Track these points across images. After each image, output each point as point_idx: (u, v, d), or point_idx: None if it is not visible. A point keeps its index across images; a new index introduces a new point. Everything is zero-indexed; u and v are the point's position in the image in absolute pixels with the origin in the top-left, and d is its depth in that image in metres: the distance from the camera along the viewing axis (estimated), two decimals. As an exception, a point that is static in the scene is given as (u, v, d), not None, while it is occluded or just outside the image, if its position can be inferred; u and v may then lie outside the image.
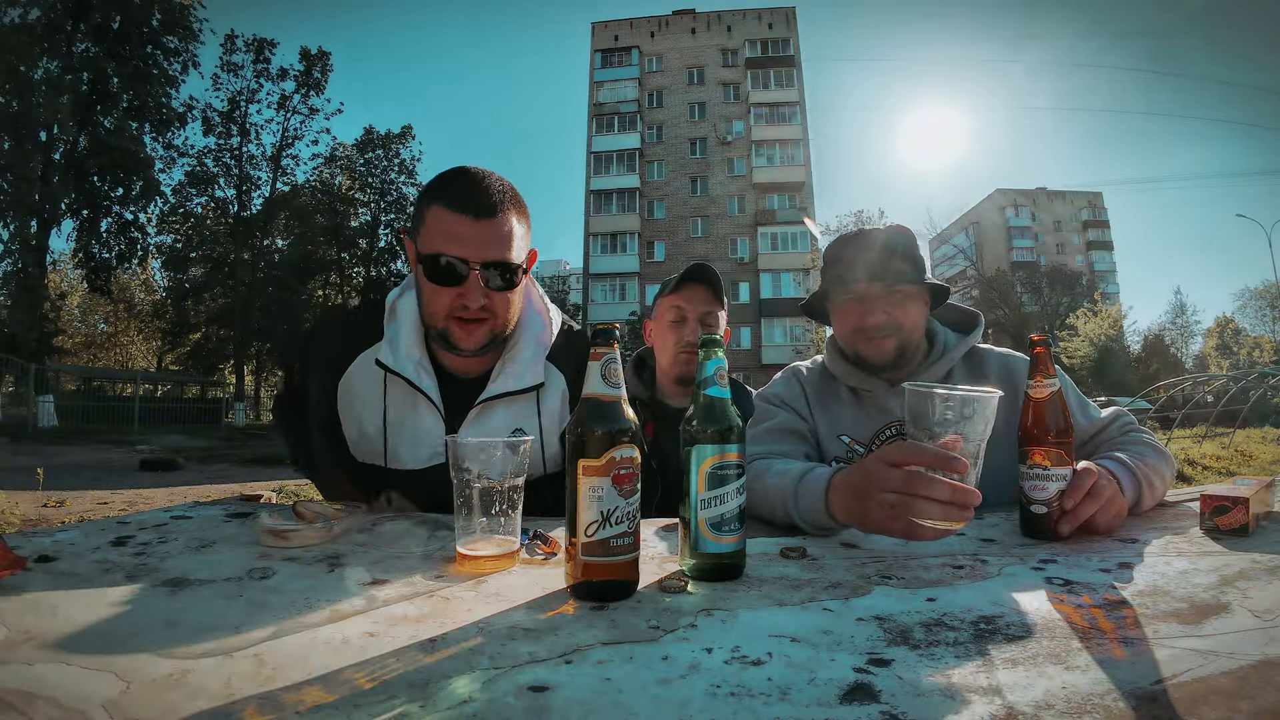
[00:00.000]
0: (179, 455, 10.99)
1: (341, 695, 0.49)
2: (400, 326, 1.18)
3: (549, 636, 0.60)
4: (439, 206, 1.07)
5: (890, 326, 1.25)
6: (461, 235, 1.06)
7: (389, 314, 1.20)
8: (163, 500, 6.47)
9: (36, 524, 4.91)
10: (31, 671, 0.52)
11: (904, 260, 1.27)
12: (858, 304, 1.28)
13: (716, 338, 0.82)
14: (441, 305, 1.10)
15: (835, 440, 1.31)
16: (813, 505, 0.96)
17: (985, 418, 0.84)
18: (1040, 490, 0.92)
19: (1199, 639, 0.56)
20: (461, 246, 1.06)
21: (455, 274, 1.07)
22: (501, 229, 1.08)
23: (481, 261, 1.07)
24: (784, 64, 35.10)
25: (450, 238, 1.06)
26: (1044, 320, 32.22)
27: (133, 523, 1.04)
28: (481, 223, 1.06)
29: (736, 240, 34.01)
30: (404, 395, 1.18)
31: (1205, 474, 8.01)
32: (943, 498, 0.78)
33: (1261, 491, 0.95)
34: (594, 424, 0.71)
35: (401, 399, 1.18)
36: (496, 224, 1.07)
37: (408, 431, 1.18)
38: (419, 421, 1.18)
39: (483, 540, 0.84)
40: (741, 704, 0.47)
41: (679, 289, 1.65)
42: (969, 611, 0.64)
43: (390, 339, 1.18)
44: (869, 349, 1.27)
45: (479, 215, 1.06)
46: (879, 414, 1.30)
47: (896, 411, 1.28)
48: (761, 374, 27.13)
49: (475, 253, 1.07)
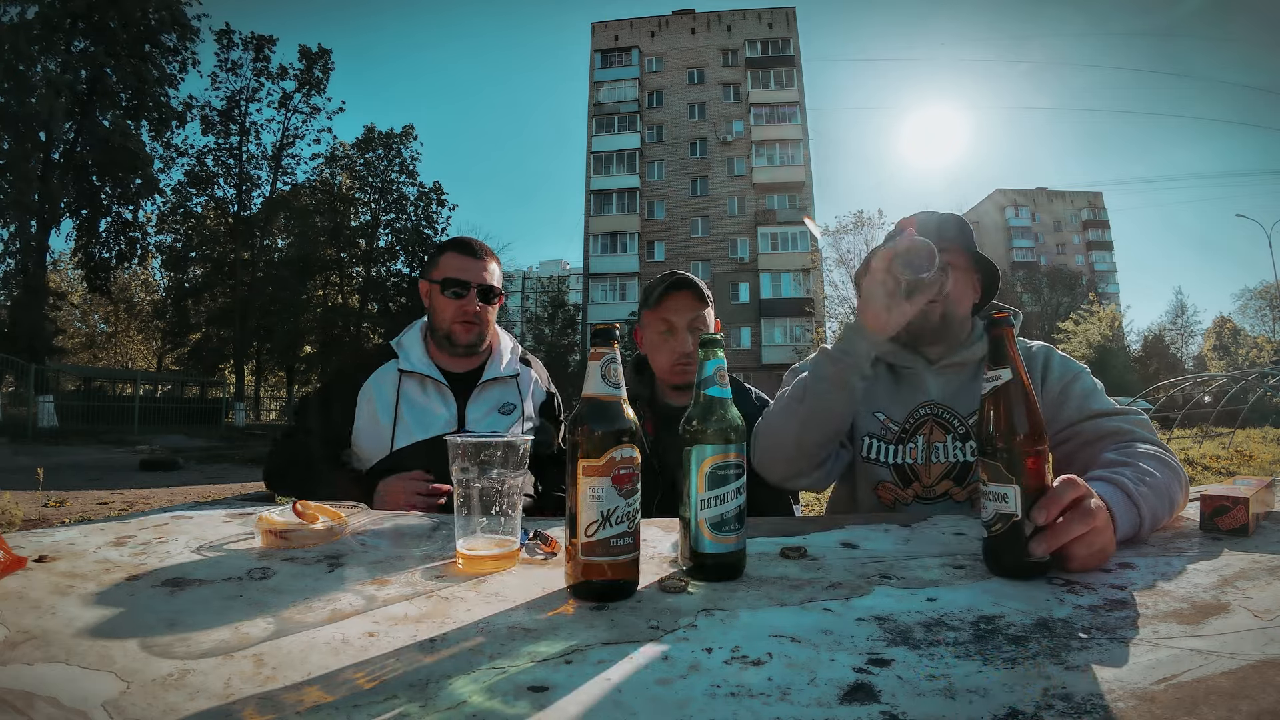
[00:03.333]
0: (179, 455, 10.99)
1: (341, 695, 0.49)
2: (410, 348, 1.64)
3: (549, 636, 0.60)
4: (451, 253, 1.64)
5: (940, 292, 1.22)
6: (466, 267, 1.62)
7: (396, 345, 1.65)
8: (163, 500, 6.47)
9: (36, 524, 4.91)
10: (31, 671, 0.52)
11: (963, 231, 1.32)
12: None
13: (717, 338, 0.82)
14: (449, 312, 1.60)
15: (870, 416, 1.32)
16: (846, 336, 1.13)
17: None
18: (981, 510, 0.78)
19: (1199, 639, 0.56)
20: (465, 274, 1.61)
21: (461, 288, 1.59)
22: (488, 266, 1.65)
23: (477, 284, 1.61)
24: (784, 64, 35.09)
25: (459, 269, 1.61)
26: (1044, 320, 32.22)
27: (133, 523, 1.04)
28: (478, 261, 1.63)
29: (736, 240, 33.99)
30: (416, 386, 1.60)
31: (1205, 474, 8.01)
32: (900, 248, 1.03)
33: (1261, 491, 0.95)
34: (594, 424, 0.71)
35: (414, 389, 1.59)
36: (485, 264, 1.64)
37: (418, 410, 1.57)
38: (429, 402, 1.59)
39: (483, 540, 0.84)
40: (741, 704, 0.47)
41: (661, 303, 1.63)
42: (969, 611, 0.64)
43: (404, 356, 1.62)
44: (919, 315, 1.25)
45: (476, 257, 1.63)
46: (916, 392, 1.31)
47: (933, 391, 1.30)
48: (761, 374, 27.11)
49: (474, 279, 1.61)
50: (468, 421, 1.59)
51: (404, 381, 1.58)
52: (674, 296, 1.62)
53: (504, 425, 1.62)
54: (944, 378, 1.30)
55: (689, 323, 1.61)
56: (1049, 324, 30.92)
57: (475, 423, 1.60)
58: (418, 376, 1.59)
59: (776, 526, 1.05)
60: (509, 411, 1.64)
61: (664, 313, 1.62)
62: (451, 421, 1.58)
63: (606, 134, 35.26)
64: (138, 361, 31.69)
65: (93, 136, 21.43)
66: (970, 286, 1.33)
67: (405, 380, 1.58)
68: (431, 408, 1.58)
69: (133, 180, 22.65)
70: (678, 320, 1.61)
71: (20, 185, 19.00)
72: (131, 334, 32.00)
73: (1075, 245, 48.12)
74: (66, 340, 27.77)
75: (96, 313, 31.49)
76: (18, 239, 19.95)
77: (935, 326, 1.28)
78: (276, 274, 27.61)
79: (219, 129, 26.78)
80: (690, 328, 1.61)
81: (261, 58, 27.20)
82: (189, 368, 28.22)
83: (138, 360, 31.82)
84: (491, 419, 1.62)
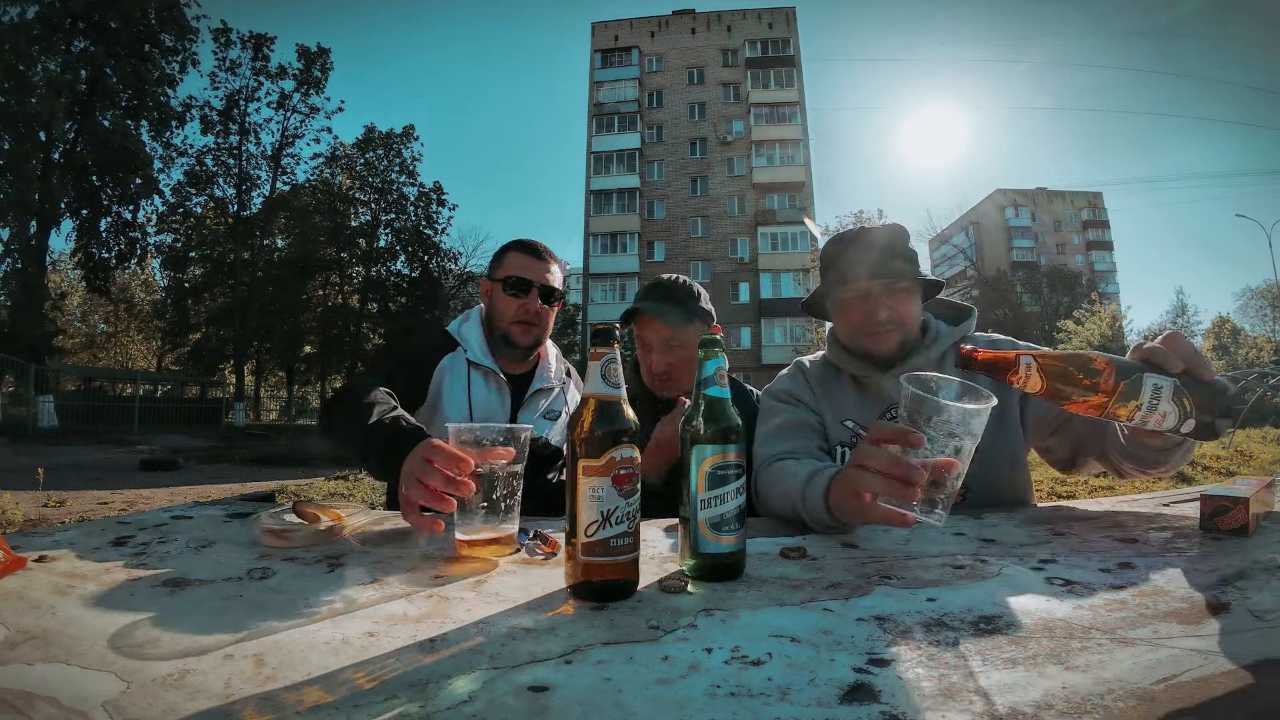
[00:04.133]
0: (179, 455, 10.99)
1: (341, 695, 0.49)
2: (471, 340, 1.61)
3: (549, 636, 0.60)
4: (515, 252, 1.64)
5: (894, 322, 1.29)
6: (529, 267, 1.61)
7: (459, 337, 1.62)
8: (163, 500, 6.48)
9: (36, 524, 4.91)
10: (31, 671, 0.52)
11: (903, 258, 1.31)
12: (863, 301, 1.32)
13: (716, 338, 0.82)
14: (510, 311, 1.59)
15: (839, 425, 1.35)
16: (815, 504, 0.97)
17: (978, 426, 0.79)
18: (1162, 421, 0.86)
19: (1199, 639, 0.56)
20: (528, 274, 1.60)
21: (524, 287, 1.59)
22: (551, 268, 1.64)
23: (540, 284, 1.60)
24: (784, 64, 35.09)
25: (522, 268, 1.61)
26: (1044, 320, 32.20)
27: (133, 523, 1.04)
28: (541, 262, 1.63)
29: (736, 240, 33.99)
30: (482, 380, 1.59)
31: (1205, 474, 8.00)
32: (879, 467, 0.77)
33: (1261, 491, 0.95)
34: (594, 424, 0.71)
35: (480, 383, 1.59)
36: (549, 265, 1.63)
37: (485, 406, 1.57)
38: (492, 399, 1.59)
39: (483, 527, 0.85)
40: (741, 704, 0.47)
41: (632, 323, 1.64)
42: (969, 611, 0.64)
43: (469, 348, 1.60)
44: (874, 343, 1.31)
45: (540, 258, 1.63)
46: (880, 399, 1.34)
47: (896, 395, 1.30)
48: (762, 374, 27.11)
49: (537, 278, 1.60)
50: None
51: (472, 374, 1.57)
52: (640, 319, 1.62)
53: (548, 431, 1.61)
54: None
55: (661, 341, 1.59)
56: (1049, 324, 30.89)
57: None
58: (484, 370, 1.58)
59: (776, 526, 1.05)
60: (554, 419, 1.65)
61: (639, 329, 1.64)
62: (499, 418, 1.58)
63: (606, 134, 35.27)
64: (138, 361, 31.72)
65: (93, 136, 21.42)
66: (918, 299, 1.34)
67: (474, 373, 1.57)
68: (496, 405, 1.58)
69: (133, 180, 22.65)
70: (650, 338, 1.61)
71: (20, 185, 18.99)
72: (131, 334, 32.03)
73: (1075, 245, 48.09)
74: (66, 340, 27.78)
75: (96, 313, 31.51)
76: (17, 239, 19.94)
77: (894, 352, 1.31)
78: (276, 274, 27.63)
79: (218, 129, 26.81)
80: (664, 346, 1.59)
81: (260, 57, 27.20)
82: (189, 368, 28.23)
83: (138, 360, 31.85)
84: (539, 424, 1.61)
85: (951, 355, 1.36)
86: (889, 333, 1.29)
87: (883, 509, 0.80)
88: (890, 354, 1.31)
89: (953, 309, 1.45)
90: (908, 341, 1.32)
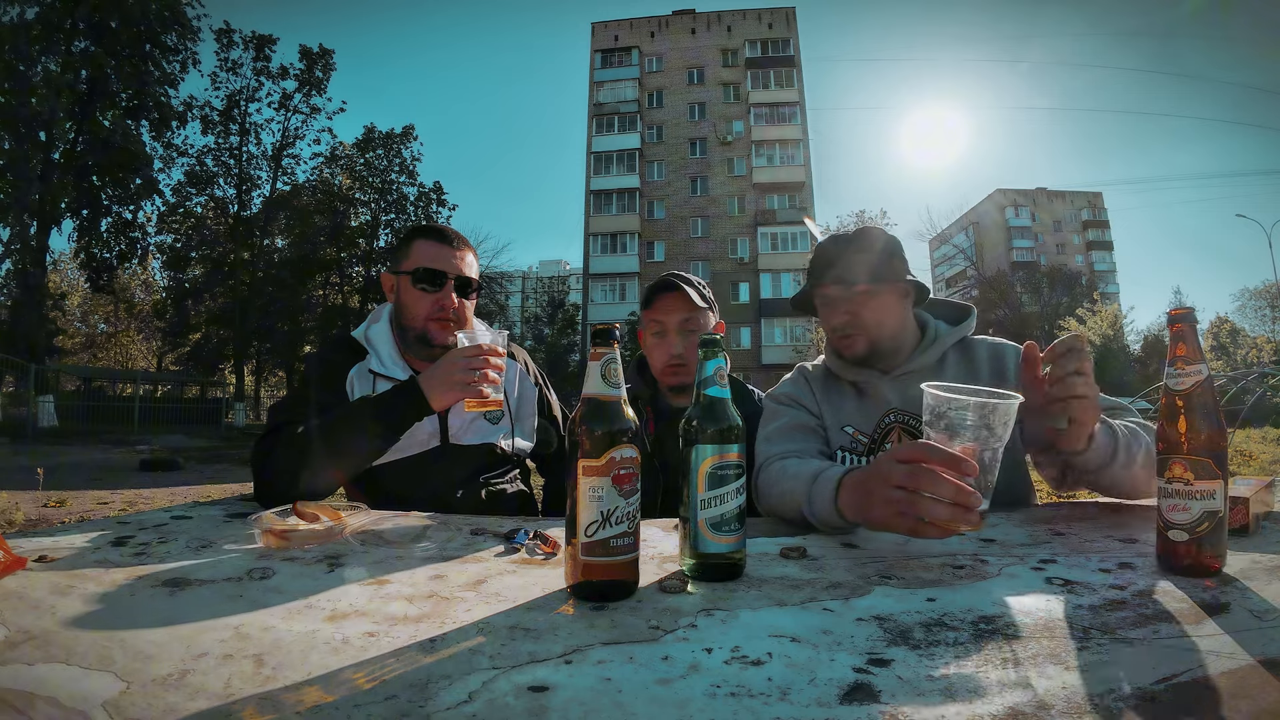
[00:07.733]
0: (179, 455, 10.98)
1: (341, 695, 0.49)
2: (380, 345, 1.42)
3: (549, 636, 0.60)
4: (423, 240, 1.43)
5: (852, 326, 1.30)
6: (440, 256, 1.40)
7: (365, 341, 1.43)
8: (163, 500, 6.47)
9: (36, 524, 4.91)
10: (31, 671, 0.52)
11: (866, 262, 1.29)
12: (824, 306, 1.35)
13: (717, 338, 0.82)
14: (423, 309, 1.39)
15: (840, 431, 1.35)
16: (824, 504, 0.96)
17: (1005, 423, 0.80)
18: (1180, 512, 0.74)
19: (1199, 639, 0.56)
20: (440, 264, 1.40)
21: (436, 279, 1.38)
22: (466, 255, 1.45)
23: (454, 275, 1.40)
24: (784, 64, 35.09)
25: (432, 258, 1.40)
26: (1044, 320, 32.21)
27: (133, 523, 1.04)
28: (453, 249, 1.42)
29: (736, 240, 34.00)
30: None
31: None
32: (947, 496, 0.77)
33: (1261, 491, 0.95)
34: (594, 424, 0.71)
35: None
36: (462, 253, 1.44)
37: None
38: None
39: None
40: (741, 704, 0.47)
41: (652, 304, 1.63)
42: (969, 611, 0.64)
43: (374, 354, 1.41)
44: (840, 346, 1.33)
45: (451, 245, 1.42)
46: (879, 403, 1.34)
47: (894, 400, 1.32)
48: (761, 374, 27.13)
49: (450, 269, 1.40)
50: (451, 432, 1.40)
51: (378, 386, 1.36)
52: (664, 298, 1.62)
53: (495, 436, 1.45)
54: (902, 384, 1.32)
55: (680, 324, 1.60)
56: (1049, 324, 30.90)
57: (459, 434, 1.41)
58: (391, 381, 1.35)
59: (776, 526, 1.05)
60: (496, 421, 1.47)
61: (656, 313, 1.63)
62: (435, 435, 1.38)
63: (606, 134, 35.27)
64: (138, 361, 31.72)
65: (93, 136, 21.40)
66: (894, 302, 1.32)
67: (379, 385, 1.36)
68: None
69: (133, 180, 22.65)
70: (668, 321, 1.60)
71: (20, 185, 18.98)
72: (131, 334, 32.03)
73: (1075, 245, 48.07)
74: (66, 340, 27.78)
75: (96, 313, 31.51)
76: (18, 239, 19.93)
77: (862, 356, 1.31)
78: (276, 274, 27.60)
79: (219, 129, 26.79)
80: (682, 329, 1.60)
81: (262, 57, 27.20)
82: (189, 368, 28.22)
83: (138, 360, 31.85)
84: (478, 428, 1.43)
85: (952, 355, 1.36)
86: (851, 337, 1.30)
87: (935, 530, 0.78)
88: (858, 357, 1.31)
89: (953, 309, 1.45)
90: (879, 345, 1.31)
